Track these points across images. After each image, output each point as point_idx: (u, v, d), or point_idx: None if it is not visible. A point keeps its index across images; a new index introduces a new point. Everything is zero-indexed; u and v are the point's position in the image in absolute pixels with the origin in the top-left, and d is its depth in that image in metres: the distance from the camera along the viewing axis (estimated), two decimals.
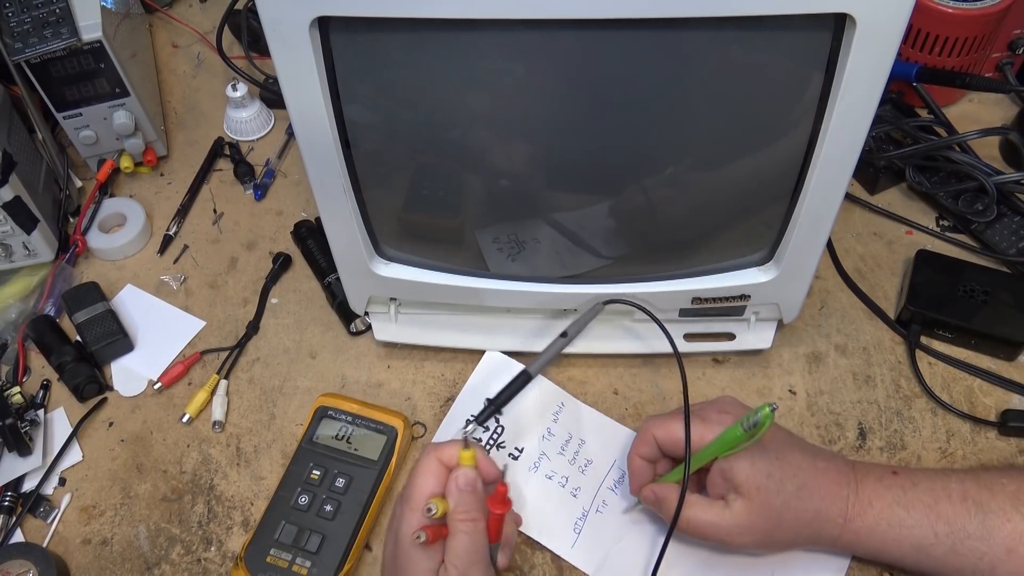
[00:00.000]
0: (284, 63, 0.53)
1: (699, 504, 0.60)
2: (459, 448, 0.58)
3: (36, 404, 0.75)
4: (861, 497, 0.60)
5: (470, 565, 0.55)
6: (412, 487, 0.58)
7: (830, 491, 0.60)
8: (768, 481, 0.58)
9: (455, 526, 0.55)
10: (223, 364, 0.77)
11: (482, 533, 0.56)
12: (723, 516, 0.59)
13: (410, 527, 0.56)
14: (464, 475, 0.56)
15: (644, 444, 0.63)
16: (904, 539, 0.59)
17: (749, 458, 0.59)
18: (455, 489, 0.56)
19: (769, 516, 0.59)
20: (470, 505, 0.56)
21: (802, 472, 0.59)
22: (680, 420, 0.61)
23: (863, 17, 0.48)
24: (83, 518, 0.70)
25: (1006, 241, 0.79)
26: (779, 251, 0.65)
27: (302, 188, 0.90)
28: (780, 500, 0.58)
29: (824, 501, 0.59)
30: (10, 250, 0.80)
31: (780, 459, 0.59)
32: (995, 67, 0.88)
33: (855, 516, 0.59)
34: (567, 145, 0.59)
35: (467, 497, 0.56)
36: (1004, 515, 0.57)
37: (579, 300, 0.70)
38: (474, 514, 0.56)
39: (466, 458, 0.57)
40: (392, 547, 0.58)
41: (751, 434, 0.56)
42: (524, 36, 0.51)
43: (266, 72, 0.97)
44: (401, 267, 0.69)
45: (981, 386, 0.73)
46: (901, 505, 0.59)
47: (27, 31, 0.78)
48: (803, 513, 0.59)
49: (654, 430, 0.63)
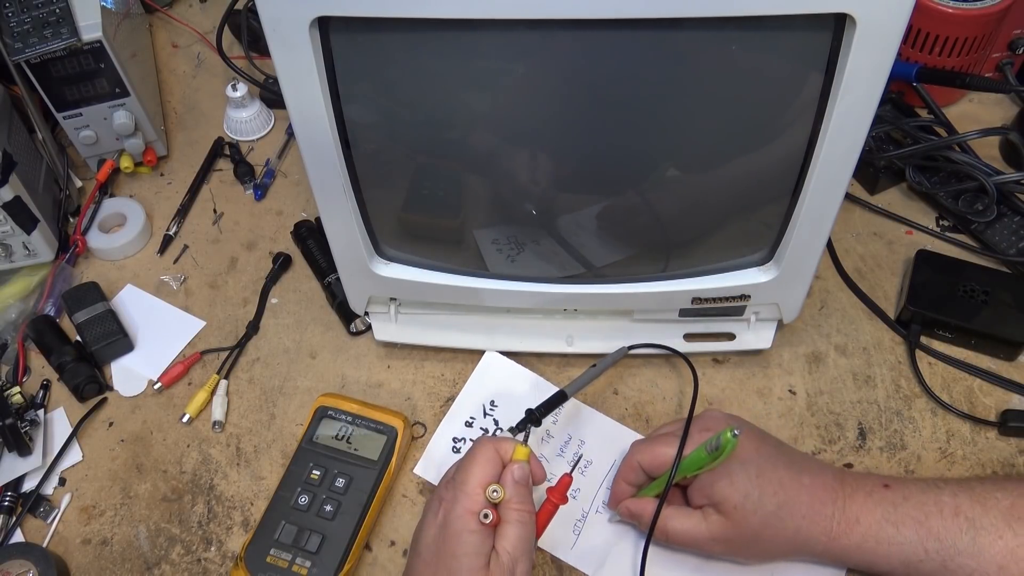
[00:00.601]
0: (284, 63, 0.53)
1: (677, 515, 0.61)
2: (515, 444, 0.60)
3: (36, 404, 0.75)
4: (848, 514, 0.59)
5: (522, 554, 0.57)
6: (468, 472, 0.58)
7: (813, 508, 0.59)
8: (745, 502, 0.58)
9: (510, 515, 0.57)
10: (223, 364, 0.77)
11: (533, 525, 0.58)
12: (700, 528, 0.60)
13: (466, 510, 0.56)
14: (521, 468, 0.59)
15: (630, 471, 0.64)
16: (893, 556, 0.59)
17: (728, 476, 0.59)
18: (511, 481, 0.58)
19: (745, 533, 0.59)
20: (524, 497, 0.58)
21: (784, 489, 0.59)
22: (663, 443, 0.62)
23: (863, 17, 0.48)
24: (83, 518, 0.70)
25: (1006, 241, 0.79)
26: (779, 251, 0.65)
27: (302, 188, 0.90)
28: (758, 519, 0.59)
29: (806, 519, 0.59)
30: (10, 250, 0.80)
31: (761, 476, 0.59)
32: (995, 67, 0.88)
33: (840, 534, 0.59)
34: (567, 145, 0.60)
35: (522, 490, 0.58)
36: (996, 532, 0.57)
37: (579, 300, 0.70)
38: (528, 506, 0.58)
39: (522, 454, 0.60)
40: (436, 530, 0.57)
41: (714, 457, 0.57)
42: (524, 36, 0.51)
43: (266, 72, 0.97)
44: (401, 267, 0.69)
45: (981, 386, 0.73)
46: (890, 522, 0.59)
47: (27, 31, 0.78)
48: (783, 531, 0.59)
49: (639, 457, 0.63)
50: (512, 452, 0.60)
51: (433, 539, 0.57)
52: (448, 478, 0.61)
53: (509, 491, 0.58)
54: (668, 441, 0.62)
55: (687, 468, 0.60)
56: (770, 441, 0.63)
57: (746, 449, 0.60)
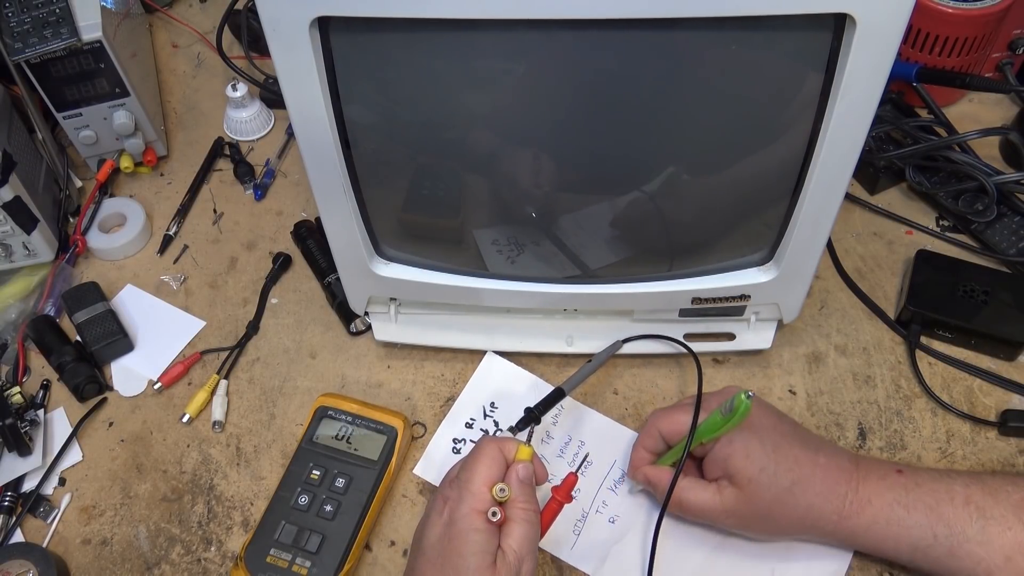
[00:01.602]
0: (284, 63, 0.53)
1: (693, 487, 0.62)
2: (519, 444, 0.60)
3: (36, 404, 0.75)
4: (860, 495, 0.60)
5: (527, 553, 0.57)
6: (472, 471, 0.58)
7: (827, 487, 0.60)
8: (761, 475, 0.59)
9: (516, 514, 0.58)
10: (223, 364, 0.77)
11: (538, 524, 0.59)
12: (714, 500, 0.61)
13: (471, 509, 0.57)
14: (525, 468, 0.59)
15: (649, 438, 0.65)
16: (902, 538, 0.59)
17: (745, 449, 0.60)
18: (516, 480, 0.58)
19: (758, 507, 0.60)
20: (529, 496, 0.59)
21: (799, 467, 0.60)
22: (683, 411, 0.63)
23: (863, 17, 0.48)
24: (83, 518, 0.70)
25: (1006, 241, 0.79)
26: (779, 251, 0.65)
27: (302, 188, 0.90)
28: (771, 494, 0.59)
29: (819, 497, 0.60)
30: (10, 250, 0.80)
31: (777, 452, 0.60)
32: (995, 67, 0.88)
33: (851, 514, 0.60)
34: (566, 146, 0.59)
35: (527, 489, 0.59)
36: (1005, 523, 0.57)
37: (579, 300, 0.70)
38: (534, 505, 0.59)
39: (526, 453, 0.60)
40: (442, 529, 0.57)
41: (728, 419, 0.57)
42: (524, 36, 0.51)
43: (266, 72, 0.97)
44: (401, 267, 0.69)
45: (981, 386, 0.73)
46: (902, 505, 0.59)
47: (27, 31, 0.78)
48: (795, 508, 0.60)
49: (659, 424, 0.64)
50: (516, 452, 0.60)
51: (438, 538, 0.57)
52: (452, 477, 0.61)
53: (514, 490, 0.58)
54: (687, 409, 0.63)
55: (704, 433, 0.60)
56: (787, 420, 0.64)
57: (763, 424, 0.61)
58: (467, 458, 0.60)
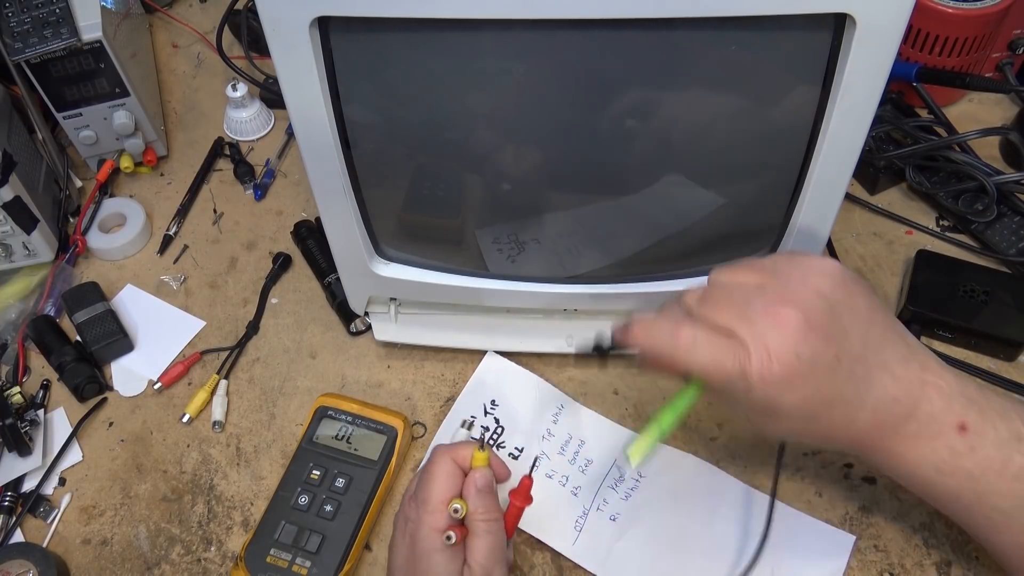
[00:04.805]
0: (284, 63, 0.53)
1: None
2: (473, 449, 0.58)
3: (36, 404, 0.75)
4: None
5: (495, 563, 0.55)
6: (427, 490, 0.57)
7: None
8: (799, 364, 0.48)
9: (477, 527, 0.56)
10: (223, 364, 0.77)
11: (502, 532, 0.57)
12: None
13: (431, 529, 0.55)
14: (483, 476, 0.57)
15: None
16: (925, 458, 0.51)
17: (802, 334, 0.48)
18: (474, 491, 0.57)
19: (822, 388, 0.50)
20: (490, 505, 0.57)
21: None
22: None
23: (863, 17, 0.48)
24: (83, 518, 0.70)
25: (1006, 241, 0.79)
26: (779, 251, 0.65)
27: (302, 188, 0.90)
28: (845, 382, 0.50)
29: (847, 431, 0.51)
30: (10, 250, 0.80)
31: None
32: (995, 67, 0.88)
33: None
34: (567, 146, 0.60)
35: (487, 498, 0.57)
36: None
37: (579, 300, 0.70)
38: (495, 514, 0.57)
39: (481, 459, 0.58)
40: (407, 551, 0.56)
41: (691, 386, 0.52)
42: (524, 36, 0.51)
43: (266, 72, 0.97)
44: (401, 267, 0.69)
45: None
46: None
47: (27, 31, 0.78)
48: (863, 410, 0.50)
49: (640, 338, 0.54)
50: (471, 458, 0.58)
51: (405, 559, 0.57)
52: (411, 494, 0.59)
53: (473, 502, 0.56)
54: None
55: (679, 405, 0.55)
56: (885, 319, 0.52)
57: None
58: (422, 473, 0.59)
